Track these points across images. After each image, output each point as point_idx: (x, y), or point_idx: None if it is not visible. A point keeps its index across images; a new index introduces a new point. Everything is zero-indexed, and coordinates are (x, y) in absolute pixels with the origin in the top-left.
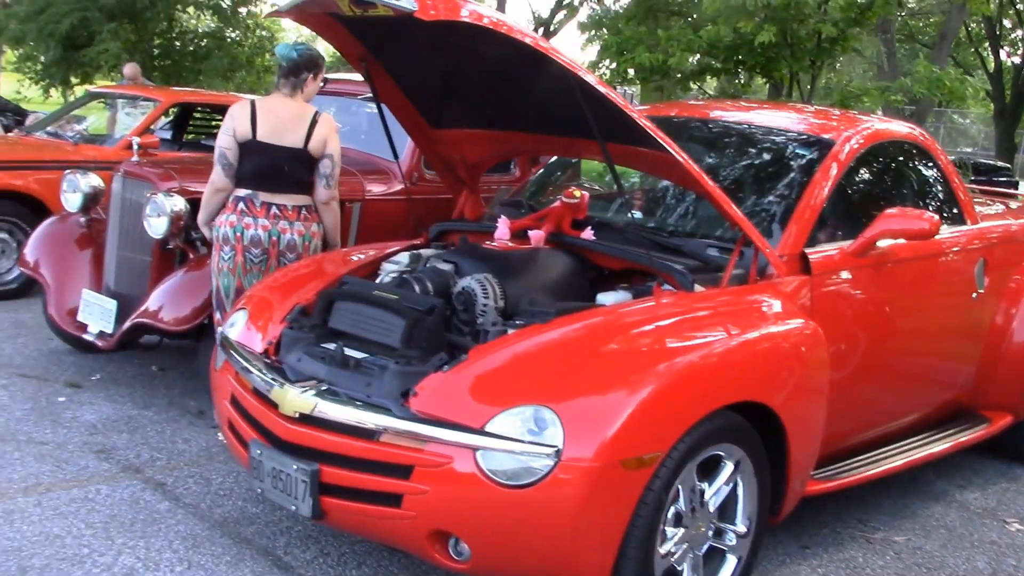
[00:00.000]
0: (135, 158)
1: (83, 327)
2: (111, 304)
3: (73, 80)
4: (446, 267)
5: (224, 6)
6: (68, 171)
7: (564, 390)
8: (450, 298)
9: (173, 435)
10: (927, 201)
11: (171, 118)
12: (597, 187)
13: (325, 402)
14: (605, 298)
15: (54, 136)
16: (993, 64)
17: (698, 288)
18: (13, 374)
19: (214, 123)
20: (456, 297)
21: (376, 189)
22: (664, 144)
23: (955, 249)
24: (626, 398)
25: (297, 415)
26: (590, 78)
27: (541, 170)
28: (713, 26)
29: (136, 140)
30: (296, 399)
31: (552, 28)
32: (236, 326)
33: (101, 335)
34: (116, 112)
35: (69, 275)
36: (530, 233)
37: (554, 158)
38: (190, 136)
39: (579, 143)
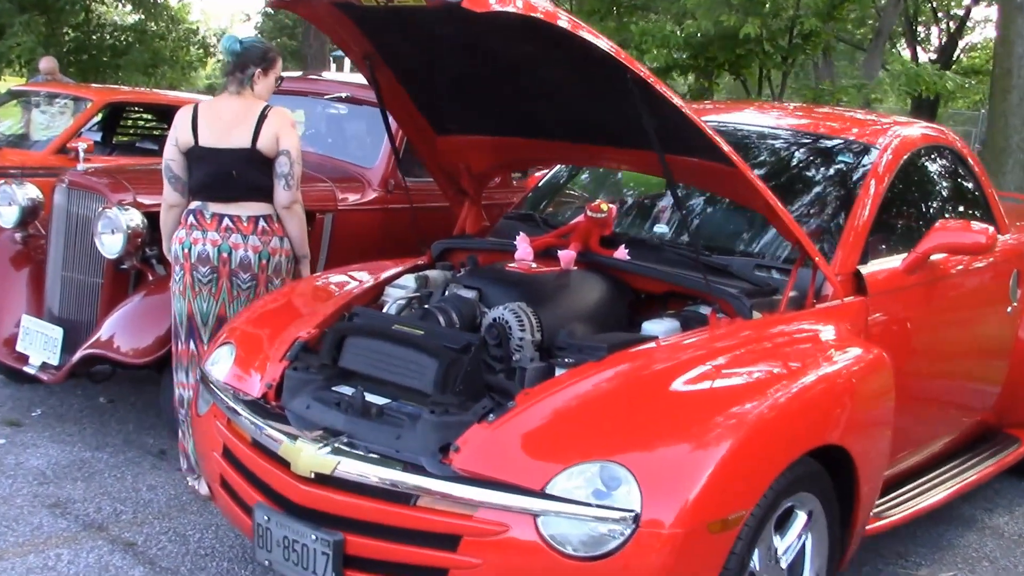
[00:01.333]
0: (81, 166)
1: (23, 358)
2: (56, 332)
3: None
4: (469, 294)
5: None
6: (2, 183)
7: (634, 443)
8: (474, 328)
9: (135, 481)
10: (967, 209)
11: (99, 119)
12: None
13: (349, 460)
14: (652, 328)
15: None
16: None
17: (755, 315)
18: None
19: (146, 124)
20: (487, 330)
21: (350, 198)
22: (728, 156)
23: (991, 261)
24: (707, 451)
25: (313, 475)
26: (656, 83)
27: (543, 179)
28: (693, 20)
29: (82, 146)
30: (313, 457)
31: None
32: (221, 364)
33: (45, 367)
34: (41, 113)
35: (4, 300)
36: (560, 253)
37: (558, 166)
38: (122, 138)
39: (606, 151)
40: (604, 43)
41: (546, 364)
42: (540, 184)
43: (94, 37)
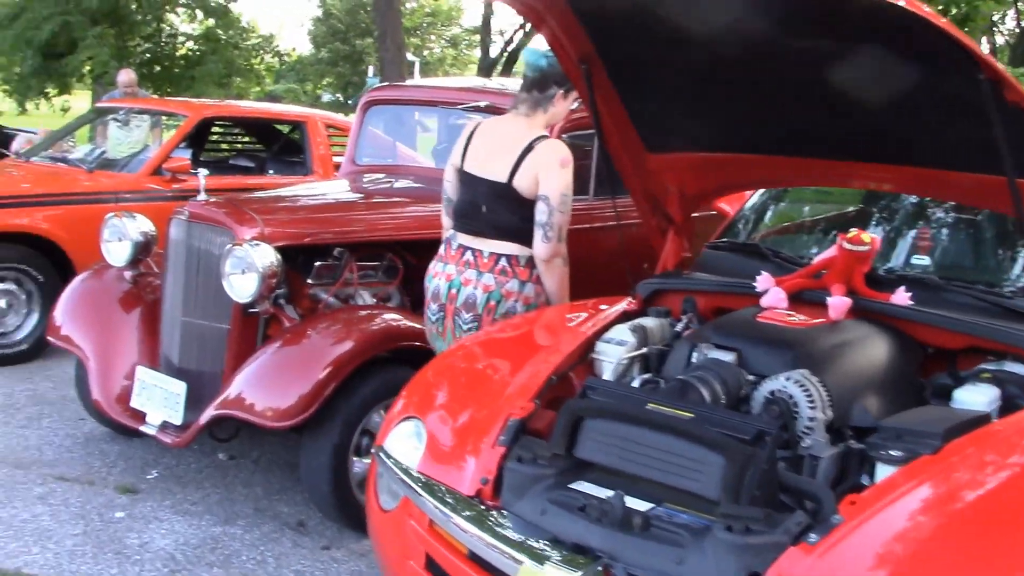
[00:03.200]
0: (202, 195)
1: (139, 415)
2: (179, 387)
3: (51, 91)
4: (726, 357)
5: (214, 4)
6: (110, 215)
7: None
8: (738, 404)
9: (279, 565)
10: None
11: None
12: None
13: None
14: (969, 398)
15: (60, 161)
16: None
17: None
18: (49, 477)
19: (236, 138)
20: (765, 408)
21: None
22: None
23: None
24: None
25: None
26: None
27: (748, 202)
28: None
29: (203, 173)
30: None
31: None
32: (405, 445)
33: (166, 427)
34: (118, 129)
35: (115, 347)
36: (830, 300)
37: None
38: (213, 155)
39: (878, 171)
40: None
41: (841, 451)
42: (747, 207)
43: (166, 48)
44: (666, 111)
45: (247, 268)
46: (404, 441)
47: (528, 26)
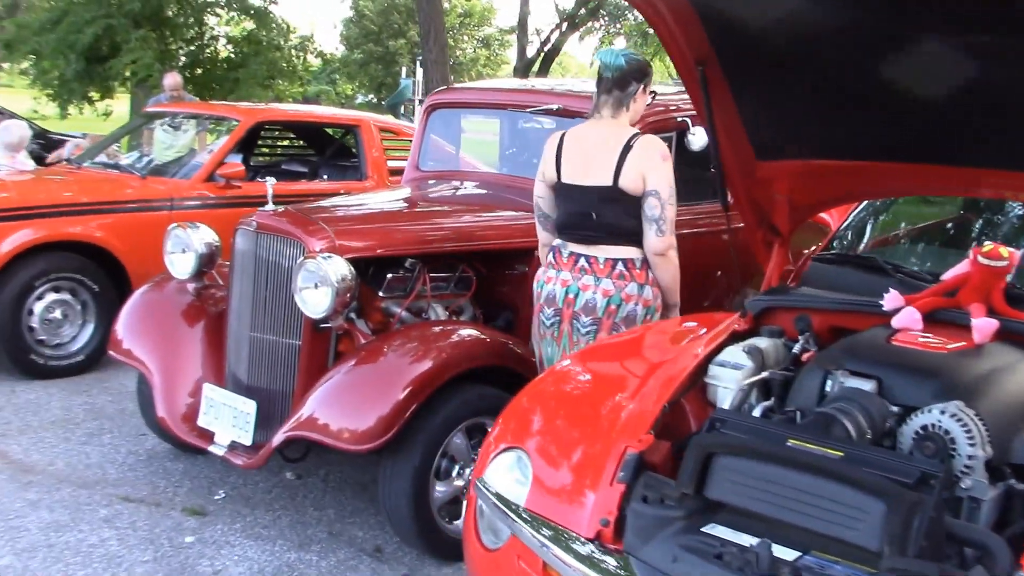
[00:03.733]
0: (270, 205)
1: (206, 434)
2: (249, 406)
3: (93, 95)
4: (865, 385)
5: (255, 5)
6: (174, 226)
7: None
8: (881, 438)
9: None
10: None
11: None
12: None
13: None
14: None
15: (112, 168)
16: None
17: None
18: (114, 498)
19: (288, 143)
20: (918, 445)
21: None
22: None
23: None
24: None
25: None
26: None
27: (854, 212)
28: None
29: (271, 181)
30: None
31: (576, 21)
32: (508, 478)
33: (235, 448)
34: (164, 132)
35: (179, 363)
36: (975, 322)
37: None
38: (262, 159)
39: (997, 176)
40: None
41: (1003, 492)
42: (853, 216)
43: (208, 51)
44: (781, 116)
45: (320, 282)
46: (506, 473)
47: (565, 26)
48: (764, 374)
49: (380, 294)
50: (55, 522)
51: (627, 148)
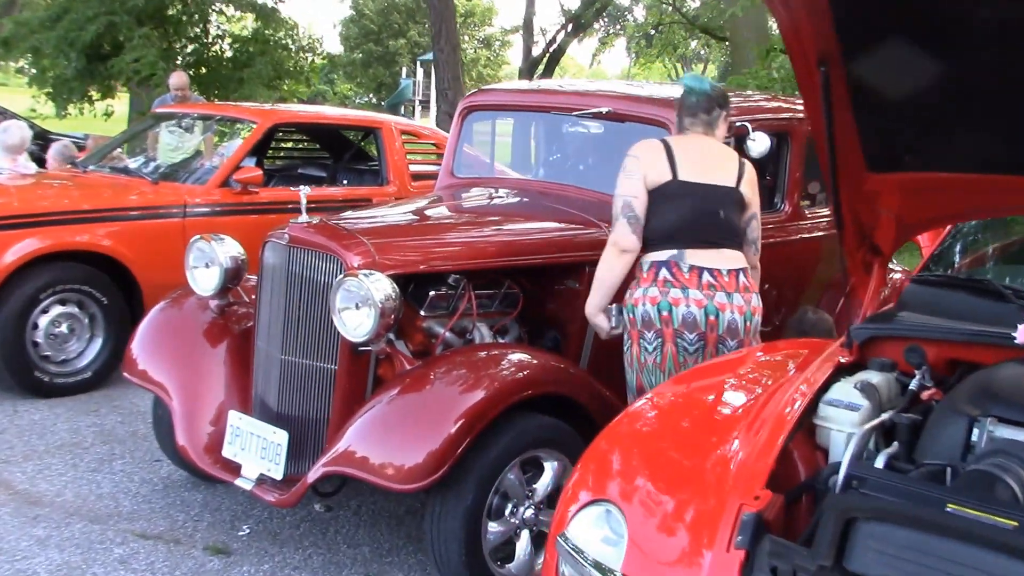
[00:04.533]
0: (303, 217)
1: (231, 466)
2: (280, 437)
3: (93, 95)
4: (1019, 435)
5: (262, 3)
6: (196, 238)
7: None
8: None
9: None
10: None
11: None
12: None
13: None
14: None
15: (121, 172)
16: None
17: None
18: (129, 534)
19: (300, 145)
20: None
21: None
22: None
23: None
24: None
25: None
26: None
27: (949, 231)
28: None
29: (305, 190)
30: None
31: (583, 22)
32: (594, 535)
33: (264, 483)
34: (169, 133)
35: (201, 387)
36: None
37: None
38: (276, 162)
39: None
40: None
41: None
42: (951, 235)
43: (213, 50)
44: (902, 123)
45: (361, 302)
46: (592, 529)
47: (570, 27)
48: (884, 416)
49: (422, 313)
50: (66, 564)
51: (742, 165)
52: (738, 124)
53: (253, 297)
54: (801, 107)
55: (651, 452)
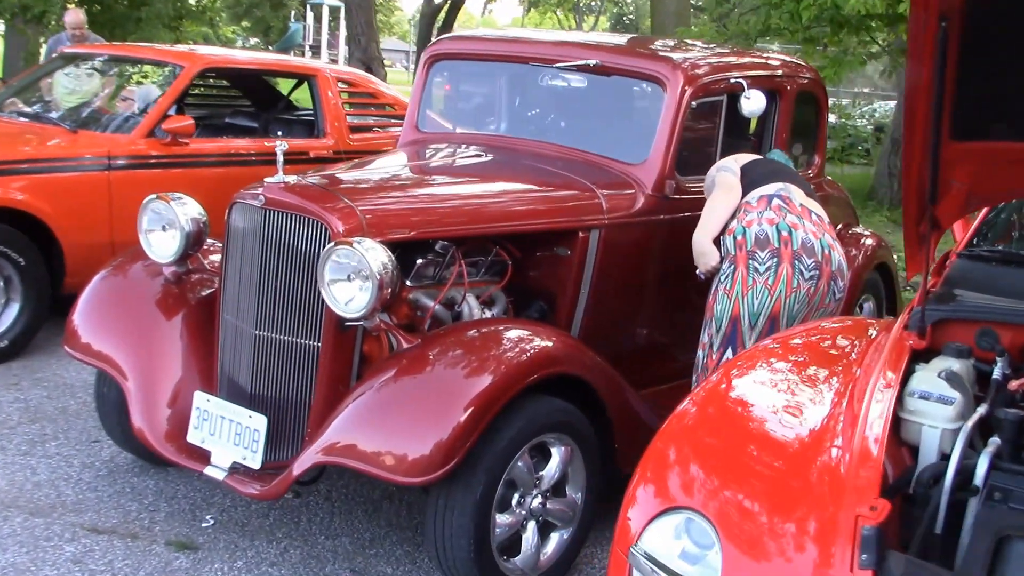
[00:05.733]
0: (280, 175)
1: (200, 453)
2: (258, 422)
3: None
4: None
5: None
6: (152, 198)
7: None
8: None
9: None
10: None
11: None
12: None
13: None
14: None
15: (33, 119)
16: None
17: None
18: (79, 529)
19: (223, 93)
20: None
21: (620, 208)
22: None
23: None
24: None
25: None
26: None
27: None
28: None
29: (281, 147)
30: None
31: None
32: (676, 546)
33: (237, 472)
34: (66, 75)
35: (157, 364)
36: None
37: None
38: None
39: None
40: None
41: None
42: (997, 210)
43: None
44: (1003, 90)
45: (354, 273)
46: (672, 541)
47: None
48: (981, 411)
49: (408, 283)
50: (12, 566)
51: None
52: (732, 81)
53: (211, 261)
54: (788, 66)
55: (730, 453)
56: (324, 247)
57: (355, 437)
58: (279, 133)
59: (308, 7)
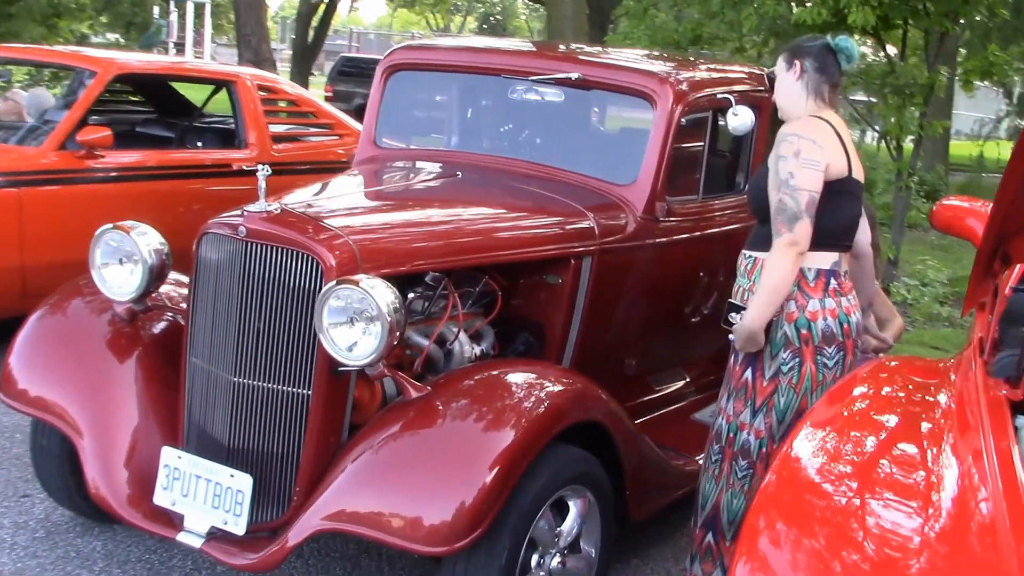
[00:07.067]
0: (263, 203)
1: (167, 517)
2: (242, 481)
3: None
4: None
5: None
6: (107, 228)
7: None
8: None
9: None
10: None
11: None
12: None
13: None
14: None
15: None
16: None
17: None
18: None
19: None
20: None
21: (612, 232)
22: None
23: None
24: None
25: None
26: None
27: None
28: None
29: (264, 172)
30: None
31: None
32: None
33: (215, 538)
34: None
35: (113, 415)
36: None
37: None
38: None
39: None
40: None
41: None
42: None
43: None
44: None
45: (357, 316)
46: None
47: None
48: None
49: None
50: None
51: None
52: (719, 96)
53: (169, 296)
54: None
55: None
56: (313, 283)
57: (362, 501)
58: (198, 144)
59: (171, 3)
